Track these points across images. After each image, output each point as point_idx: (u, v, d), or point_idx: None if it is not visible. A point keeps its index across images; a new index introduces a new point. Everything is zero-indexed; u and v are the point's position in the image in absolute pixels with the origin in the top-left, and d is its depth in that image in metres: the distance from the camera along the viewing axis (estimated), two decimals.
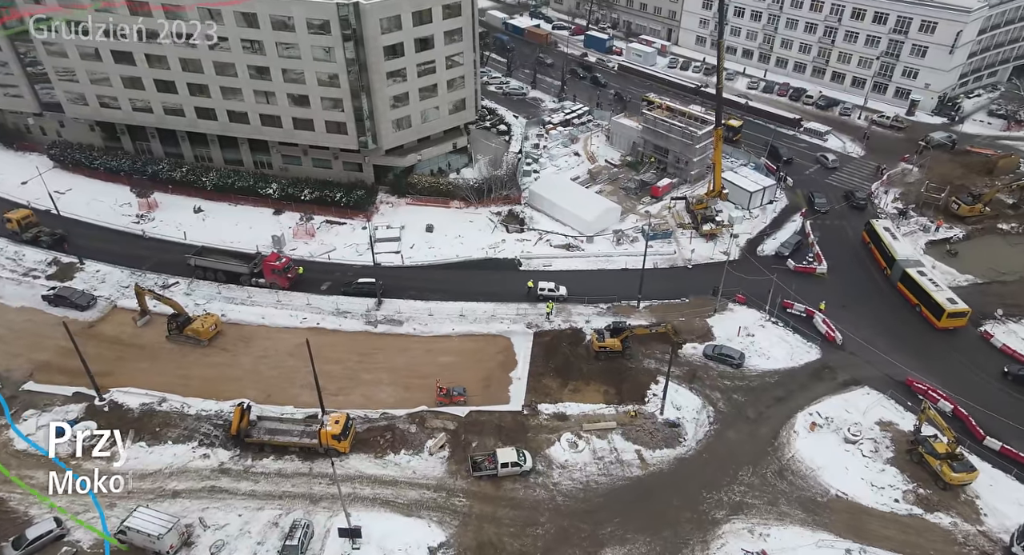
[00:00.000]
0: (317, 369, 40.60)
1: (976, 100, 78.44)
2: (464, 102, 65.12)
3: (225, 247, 55.28)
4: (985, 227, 58.81)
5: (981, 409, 42.90)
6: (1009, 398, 44.05)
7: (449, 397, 43.30)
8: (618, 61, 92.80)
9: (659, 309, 52.08)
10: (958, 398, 43.40)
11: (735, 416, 43.64)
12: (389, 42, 56.40)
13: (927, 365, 46.29)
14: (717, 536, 37.07)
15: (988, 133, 72.85)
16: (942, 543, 36.34)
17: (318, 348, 42.61)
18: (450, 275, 55.56)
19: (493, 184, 63.56)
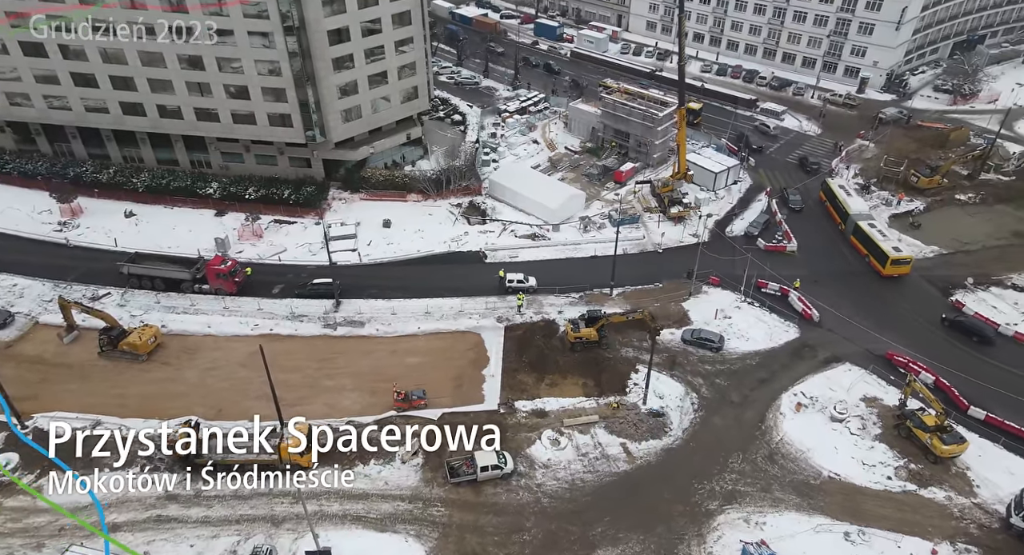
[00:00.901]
0: (274, 378, 37.00)
1: (921, 76, 80.00)
2: (416, 90, 61.94)
3: (163, 253, 50.67)
4: (944, 199, 59.42)
5: (959, 375, 42.68)
6: (984, 365, 43.96)
7: (408, 401, 40.31)
8: (570, 48, 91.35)
9: (633, 295, 50.36)
10: (938, 366, 43.07)
11: (719, 401, 42.20)
12: (333, 26, 52.78)
13: (905, 337, 45.86)
14: (713, 528, 35.40)
15: (936, 107, 74.24)
16: (939, 518, 35.55)
17: (273, 356, 38.94)
18: (412, 271, 52.58)
19: (451, 175, 60.79)
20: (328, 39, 52.73)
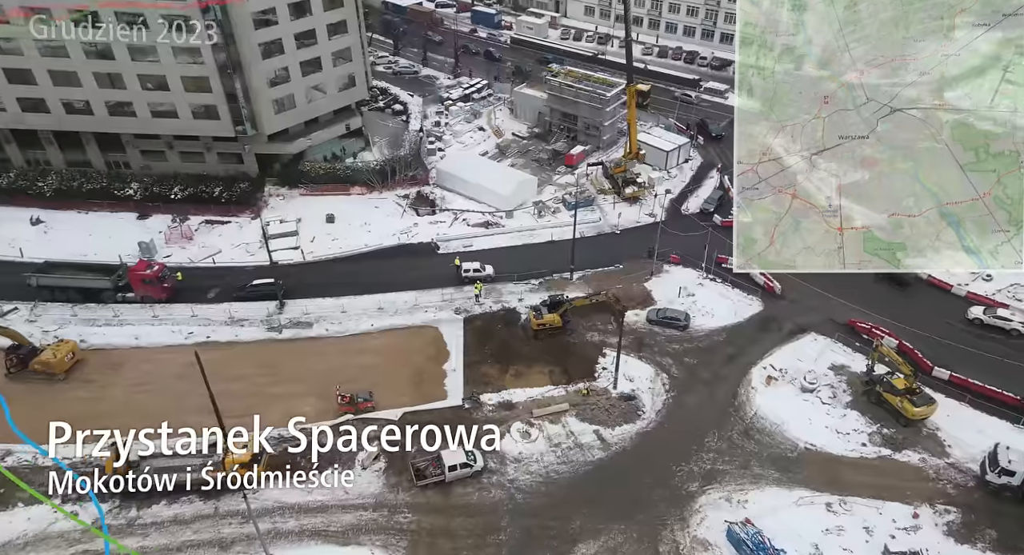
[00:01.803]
0: (215, 389, 33.57)
1: None
2: (354, 78, 58.70)
3: (78, 261, 45.80)
4: None
5: (920, 333, 43.00)
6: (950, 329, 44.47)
7: (353, 405, 37.43)
8: (510, 35, 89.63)
9: (594, 279, 48.86)
10: (900, 327, 43.20)
11: (690, 380, 41.11)
12: (258, 7, 49.02)
13: (864, 302, 45.78)
14: (695, 511, 34.12)
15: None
16: (916, 481, 35.32)
17: (212, 365, 35.35)
18: (361, 266, 49.57)
19: (397, 166, 57.93)
20: (254, 22, 48.95)
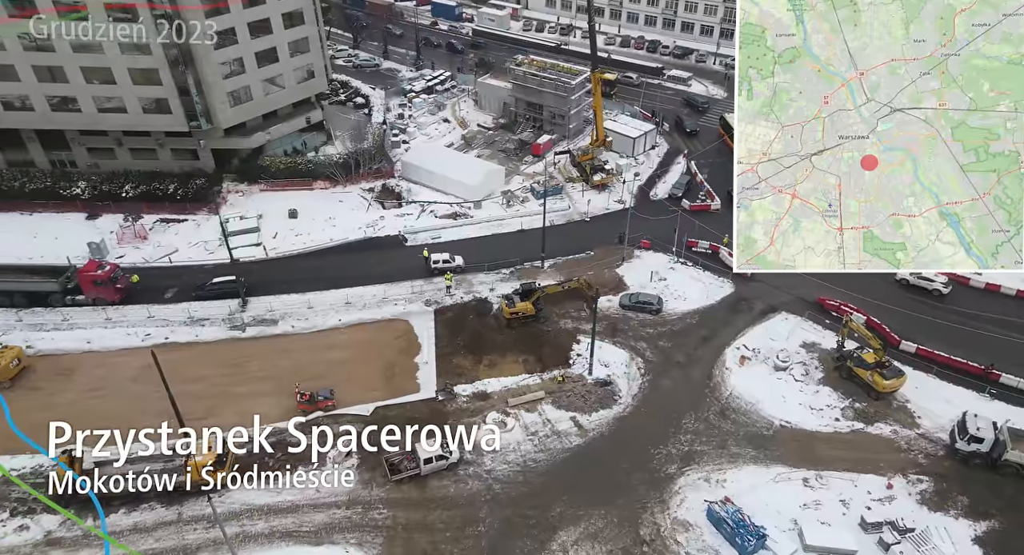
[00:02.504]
0: (176, 390, 32.25)
1: None
2: (312, 70, 57.12)
3: (22, 264, 43.41)
4: None
5: (889, 307, 43.60)
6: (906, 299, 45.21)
7: (313, 403, 36.20)
8: (471, 27, 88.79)
9: (565, 266, 48.43)
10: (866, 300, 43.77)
11: (665, 363, 40.93)
12: None
13: (829, 279, 46.14)
14: (674, 492, 33.88)
15: None
16: (888, 453, 35.68)
17: (172, 366, 34.04)
18: (326, 261, 48.23)
19: (360, 159, 56.59)
20: (204, 11, 47.07)
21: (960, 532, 31.56)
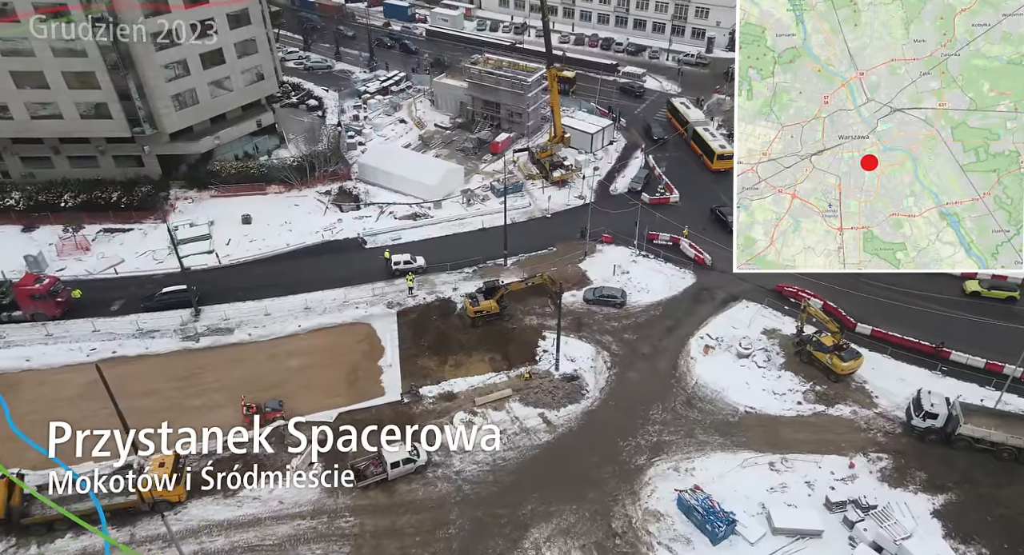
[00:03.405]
0: (126, 406, 30.95)
1: None
2: (262, 71, 55.61)
3: None
4: None
5: (844, 291, 44.55)
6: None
7: (260, 415, 34.50)
8: (425, 27, 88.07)
9: (528, 263, 48.21)
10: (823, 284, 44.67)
11: (631, 355, 41.03)
12: None
13: None
14: (645, 483, 33.91)
15: None
16: (849, 433, 36.43)
17: (121, 381, 32.71)
18: (283, 267, 47.01)
19: (315, 162, 55.35)
20: (142, 10, 45.26)
21: (919, 506, 32.38)
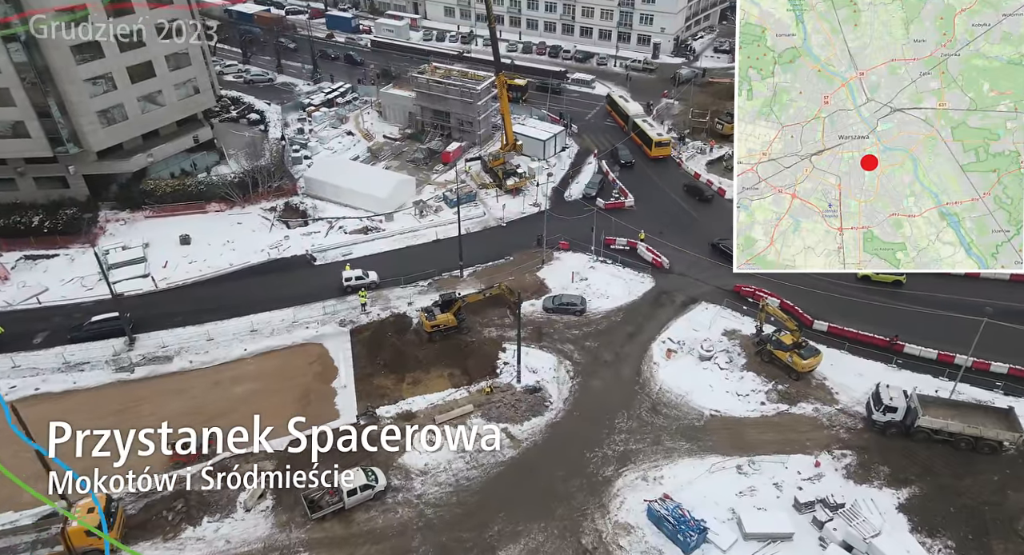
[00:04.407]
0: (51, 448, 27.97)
1: (701, 41, 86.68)
2: (197, 85, 53.11)
3: None
4: None
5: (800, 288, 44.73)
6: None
7: (188, 454, 31.39)
8: (369, 38, 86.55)
9: (485, 273, 47.08)
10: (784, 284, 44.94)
11: (594, 364, 40.22)
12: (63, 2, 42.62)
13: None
14: (613, 495, 32.95)
15: (720, 65, 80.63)
16: (812, 431, 36.31)
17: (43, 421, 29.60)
18: (226, 288, 44.65)
19: (258, 177, 53.07)
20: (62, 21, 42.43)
21: (885, 501, 32.31)
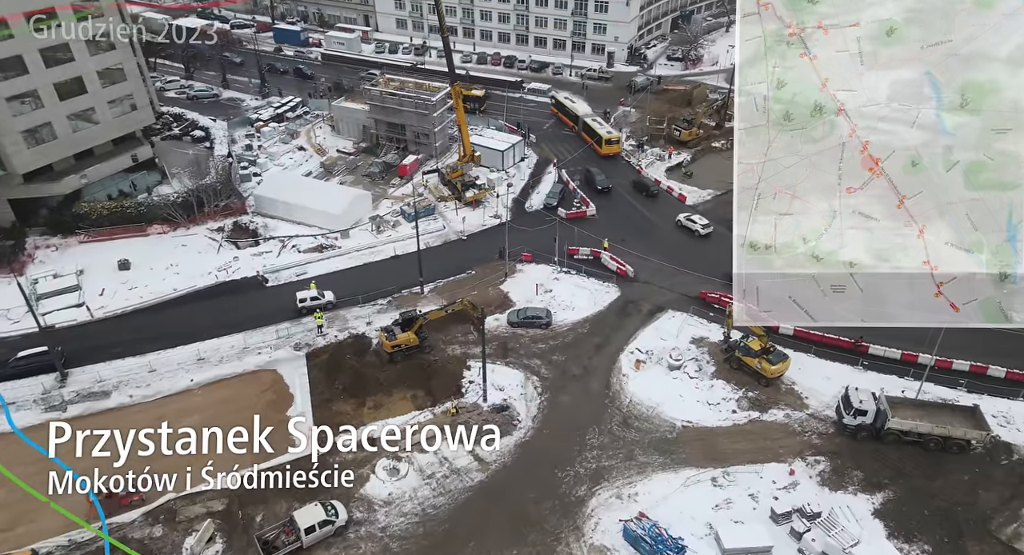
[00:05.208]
0: None
1: (654, 49, 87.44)
2: (135, 102, 50.39)
3: None
4: (703, 148, 64.00)
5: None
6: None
7: (125, 495, 29.57)
8: (320, 52, 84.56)
9: (446, 288, 45.56)
10: None
11: (562, 378, 39.05)
12: None
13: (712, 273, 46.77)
14: (588, 516, 31.73)
15: (675, 73, 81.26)
16: (785, 438, 35.80)
17: None
18: (169, 315, 42.14)
19: (204, 196, 50.51)
20: None
21: (860, 507, 31.90)
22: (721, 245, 50.57)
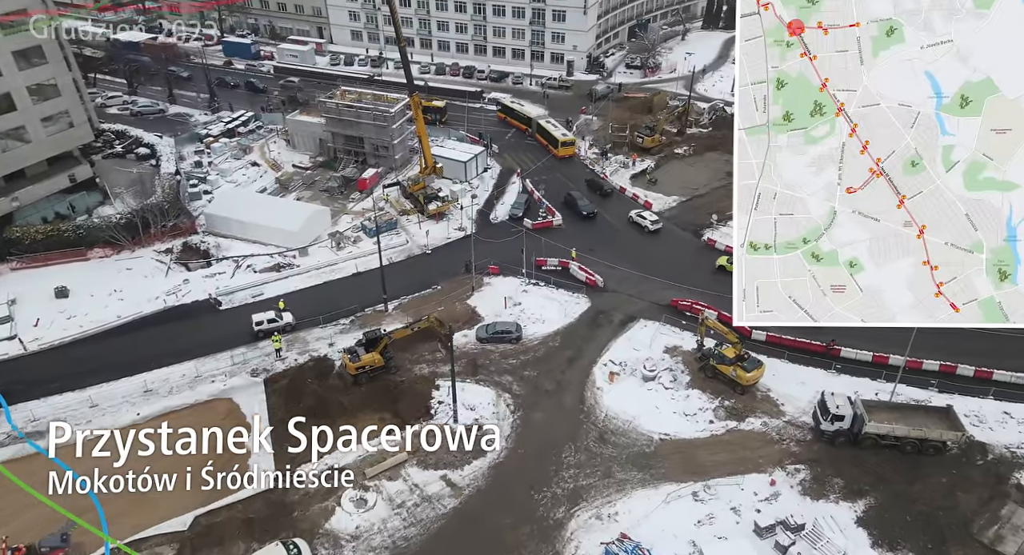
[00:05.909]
0: None
1: (613, 57, 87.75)
2: (71, 119, 47.47)
3: None
4: (667, 154, 63.89)
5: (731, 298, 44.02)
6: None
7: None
8: (272, 64, 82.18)
9: (412, 305, 43.93)
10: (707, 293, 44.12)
11: (535, 394, 37.75)
12: None
13: (680, 280, 46.22)
14: (567, 540, 30.43)
15: (634, 81, 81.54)
16: (764, 447, 35.07)
17: None
18: (114, 345, 39.53)
19: (149, 216, 47.82)
20: None
21: (843, 516, 31.27)
22: (672, 242, 51.65)
